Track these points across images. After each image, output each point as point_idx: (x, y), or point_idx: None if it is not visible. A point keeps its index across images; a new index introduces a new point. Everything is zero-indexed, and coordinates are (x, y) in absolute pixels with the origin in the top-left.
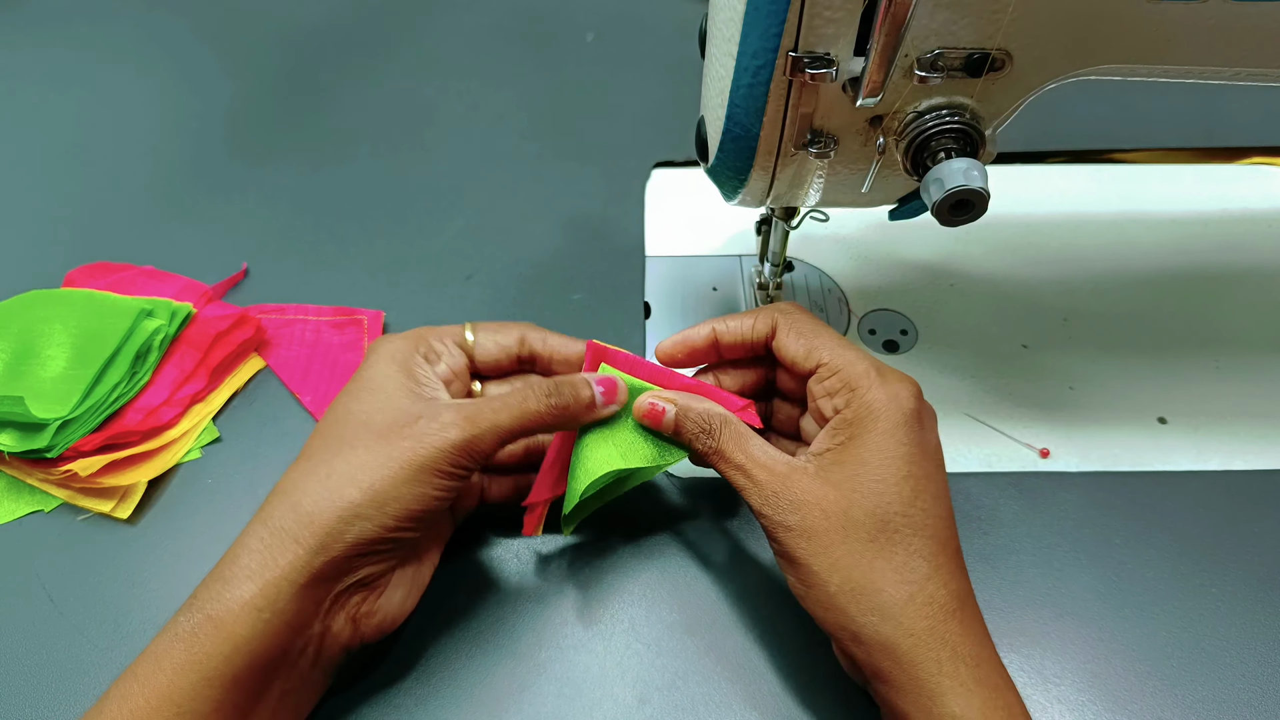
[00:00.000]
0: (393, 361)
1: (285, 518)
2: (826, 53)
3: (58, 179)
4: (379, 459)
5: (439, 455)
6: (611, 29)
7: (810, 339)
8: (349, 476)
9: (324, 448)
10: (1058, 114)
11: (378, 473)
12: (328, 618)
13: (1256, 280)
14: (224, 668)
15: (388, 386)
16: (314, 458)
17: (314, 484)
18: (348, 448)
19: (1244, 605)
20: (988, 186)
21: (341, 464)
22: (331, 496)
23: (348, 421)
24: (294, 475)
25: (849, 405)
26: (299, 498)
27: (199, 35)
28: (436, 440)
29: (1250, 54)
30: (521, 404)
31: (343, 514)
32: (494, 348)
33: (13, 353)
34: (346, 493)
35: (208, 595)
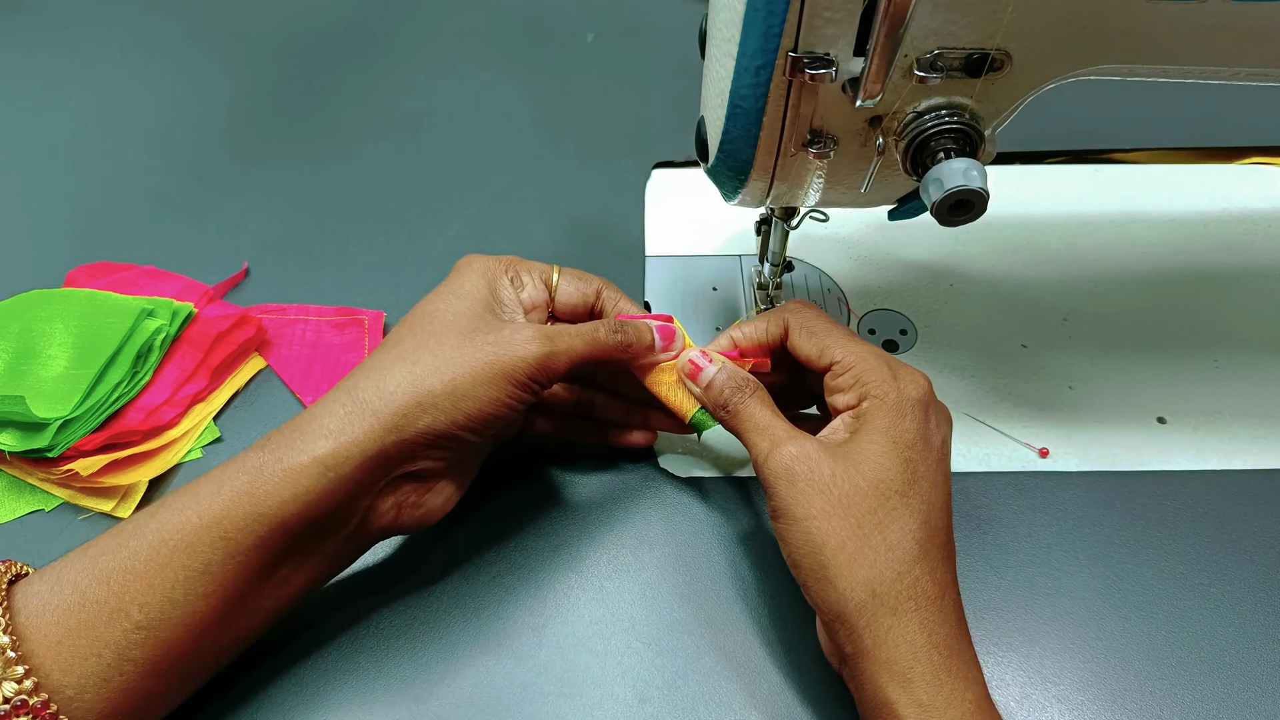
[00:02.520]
0: (483, 277)
1: (368, 392)
2: (826, 53)
3: (59, 179)
4: (463, 357)
5: (518, 365)
6: (611, 29)
7: (822, 337)
8: (433, 368)
9: (411, 338)
10: (1058, 114)
11: (460, 369)
12: (379, 496)
13: (1256, 280)
14: (279, 510)
15: (476, 295)
16: (401, 344)
17: (400, 368)
18: (435, 341)
19: (1244, 605)
20: (987, 186)
21: (428, 355)
22: (415, 383)
23: (435, 319)
24: (381, 358)
25: (862, 401)
26: (384, 377)
27: (199, 35)
28: (519, 350)
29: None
30: (594, 333)
31: (421, 400)
32: (574, 293)
33: (14, 352)
34: (428, 382)
35: (282, 441)
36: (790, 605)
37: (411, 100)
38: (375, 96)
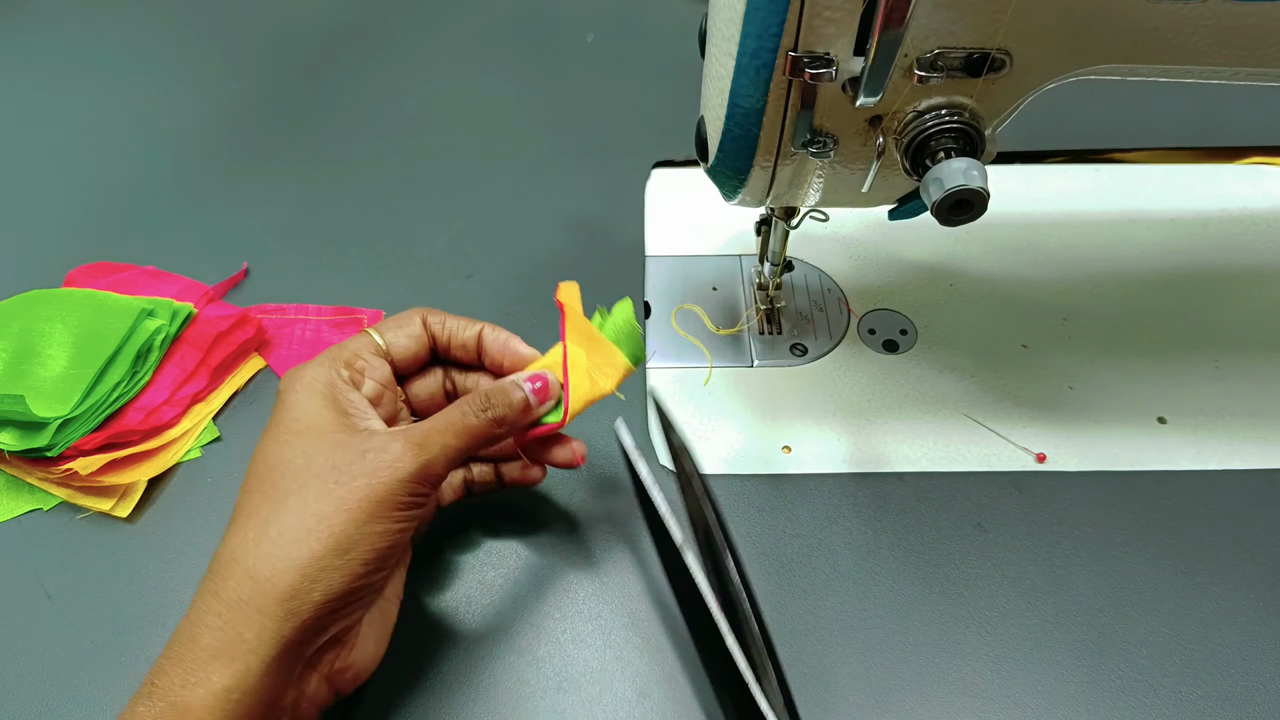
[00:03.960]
0: (315, 395)
1: (242, 587)
2: (826, 53)
3: (58, 179)
4: (333, 503)
5: (397, 487)
6: (611, 29)
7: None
8: (304, 529)
9: (265, 502)
10: (1058, 114)
11: (335, 518)
12: (301, 683)
13: (1256, 280)
14: None
15: (318, 424)
16: (256, 515)
17: (266, 545)
18: (294, 498)
19: (1244, 605)
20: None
21: (291, 517)
22: (290, 554)
23: (284, 470)
24: (238, 539)
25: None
26: (253, 563)
27: (199, 35)
28: (391, 473)
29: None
30: (463, 421)
31: (306, 571)
32: (407, 341)
33: (13, 352)
34: (306, 547)
35: (168, 682)
36: (789, 603)
37: (411, 100)
38: (375, 96)
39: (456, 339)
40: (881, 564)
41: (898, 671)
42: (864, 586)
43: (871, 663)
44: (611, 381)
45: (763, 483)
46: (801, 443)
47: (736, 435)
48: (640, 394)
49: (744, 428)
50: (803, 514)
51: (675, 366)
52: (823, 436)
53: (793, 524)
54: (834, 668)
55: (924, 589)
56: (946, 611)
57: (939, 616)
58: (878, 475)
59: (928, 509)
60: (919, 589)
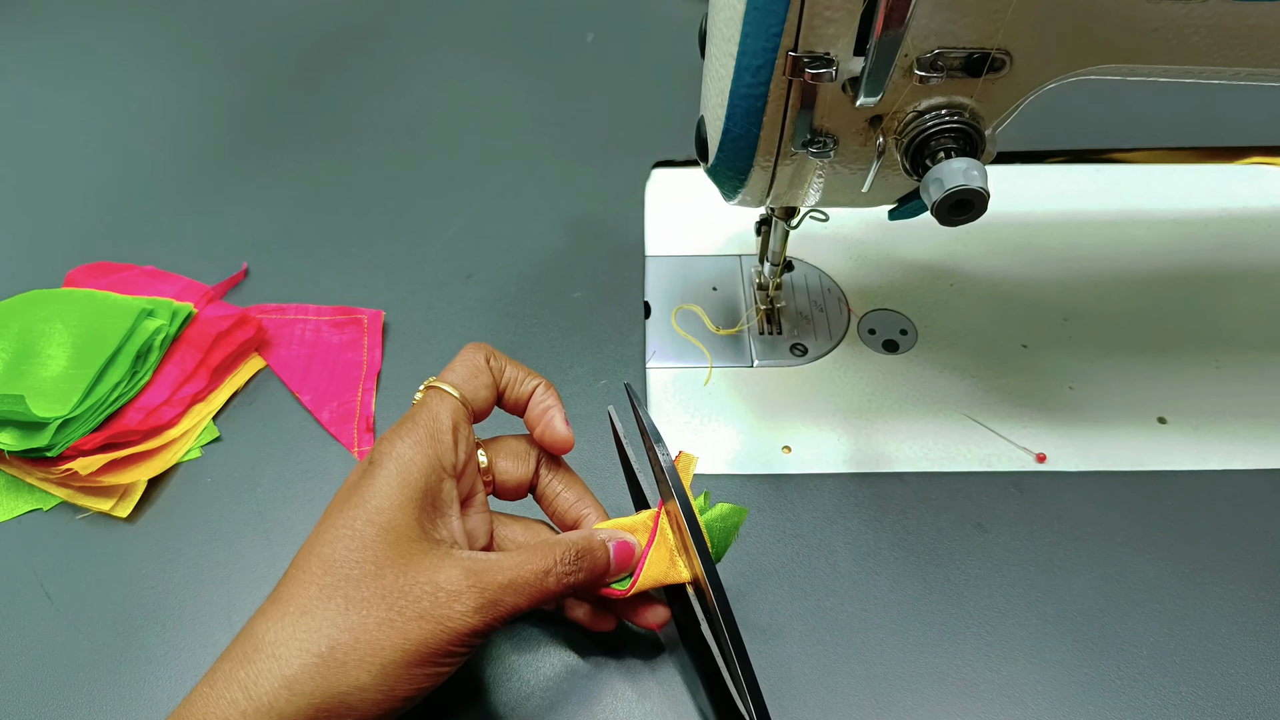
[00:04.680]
0: (408, 484)
1: (271, 688)
2: (826, 53)
3: (58, 179)
4: (392, 637)
5: (455, 639)
6: (611, 29)
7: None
8: (357, 653)
9: (321, 600)
10: (1058, 114)
11: (390, 654)
12: None
13: (1256, 280)
14: None
15: (400, 525)
16: (307, 613)
17: (311, 653)
18: (353, 609)
19: (1244, 605)
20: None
21: (346, 632)
22: (335, 674)
23: (347, 566)
24: (280, 631)
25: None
26: (294, 669)
27: (199, 35)
28: (454, 625)
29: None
30: (541, 583)
31: (344, 695)
32: (486, 395)
33: (13, 352)
34: (354, 674)
35: None
36: (787, 601)
37: (411, 100)
38: (375, 96)
39: (511, 392)
40: (881, 564)
41: (898, 671)
42: (864, 586)
43: (871, 663)
44: (688, 572)
45: (763, 483)
46: (801, 443)
47: (736, 435)
48: (641, 395)
49: (744, 428)
50: (803, 514)
51: (675, 366)
52: (823, 436)
53: (793, 524)
54: (834, 668)
55: (924, 589)
56: (946, 611)
57: (939, 616)
58: (878, 475)
59: (928, 509)
60: (919, 589)
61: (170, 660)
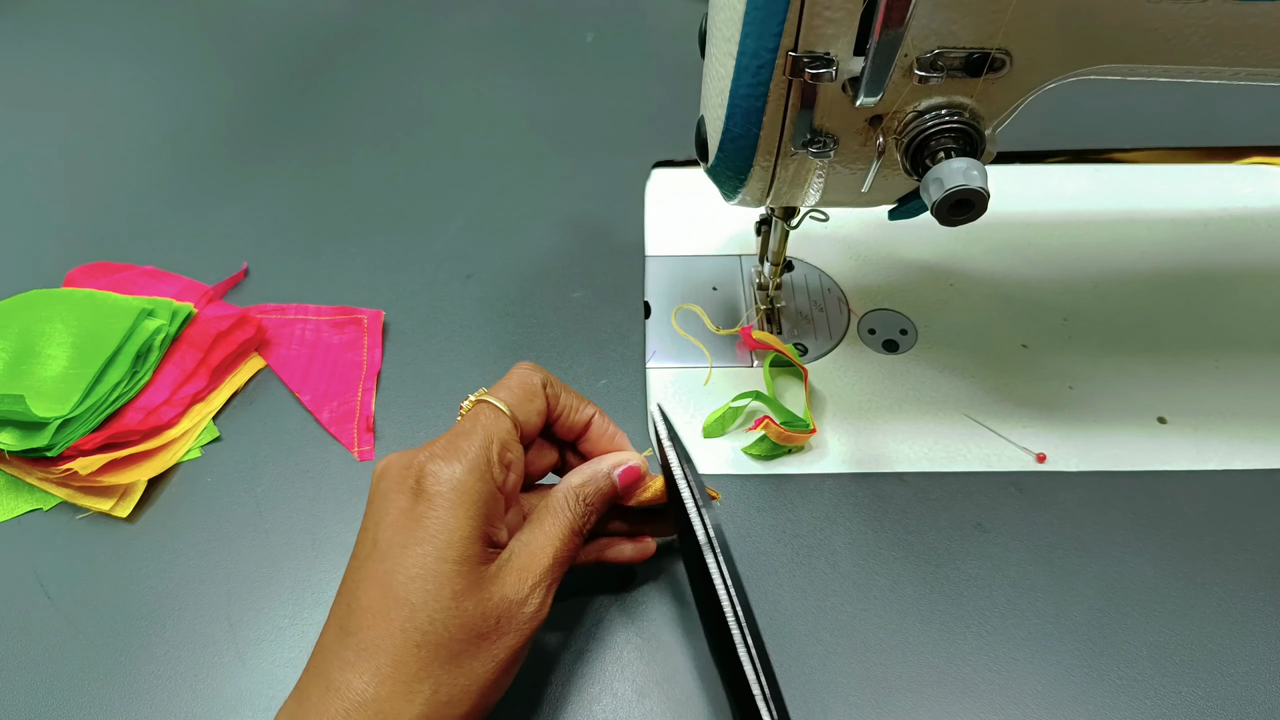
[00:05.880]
0: (468, 511)
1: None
2: (826, 53)
3: (58, 179)
4: (489, 668)
5: (531, 633)
6: (611, 29)
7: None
8: (459, 697)
9: (412, 653)
10: (1058, 114)
11: (488, 674)
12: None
13: (1256, 280)
14: None
15: (471, 553)
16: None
17: (416, 709)
18: (449, 659)
19: (1244, 605)
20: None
21: (446, 685)
22: (444, 715)
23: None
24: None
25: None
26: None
27: (199, 35)
28: (529, 625)
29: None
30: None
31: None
32: (537, 419)
33: (13, 352)
34: (461, 709)
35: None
36: (787, 601)
37: (411, 100)
38: (375, 96)
39: (566, 419)
40: (881, 564)
41: (898, 671)
42: (864, 586)
43: (871, 663)
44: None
45: (763, 483)
46: None
47: (737, 434)
48: (641, 395)
49: (744, 427)
50: (803, 514)
51: (675, 366)
52: (822, 436)
53: (793, 524)
54: (834, 668)
55: (924, 589)
56: (946, 611)
57: (939, 616)
58: (878, 475)
59: (928, 509)
60: (919, 589)
61: (170, 660)
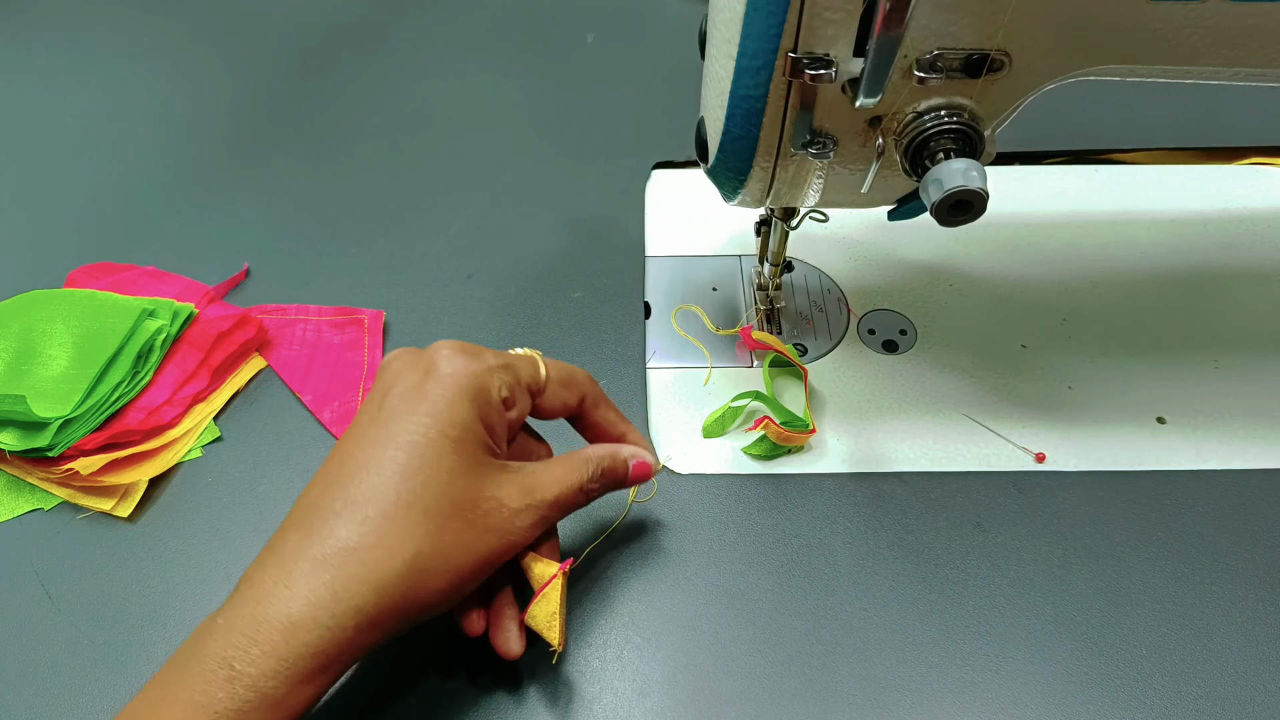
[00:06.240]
0: (474, 401)
1: (366, 598)
2: (826, 53)
3: (59, 179)
4: (468, 553)
5: (515, 550)
6: (611, 29)
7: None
8: (440, 565)
9: (401, 509)
10: (1058, 114)
11: (466, 564)
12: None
13: (1256, 280)
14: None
15: (469, 439)
16: (390, 521)
17: (399, 562)
18: (434, 521)
19: (1244, 604)
20: (987, 187)
21: (429, 545)
22: (423, 584)
23: (424, 476)
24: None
25: None
26: (385, 579)
27: (199, 35)
28: (517, 539)
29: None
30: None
31: (428, 601)
32: (560, 404)
33: (14, 352)
34: (437, 583)
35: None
36: (788, 599)
37: (411, 100)
38: (375, 96)
39: (598, 431)
40: (881, 564)
41: (898, 671)
42: (864, 586)
43: (871, 663)
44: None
45: (762, 483)
46: None
47: (737, 434)
48: (641, 395)
49: (744, 427)
50: (803, 514)
51: (675, 366)
52: (822, 436)
53: (793, 524)
54: (834, 668)
55: (924, 589)
56: (946, 611)
57: (938, 616)
58: (878, 475)
59: (927, 509)
60: (919, 589)
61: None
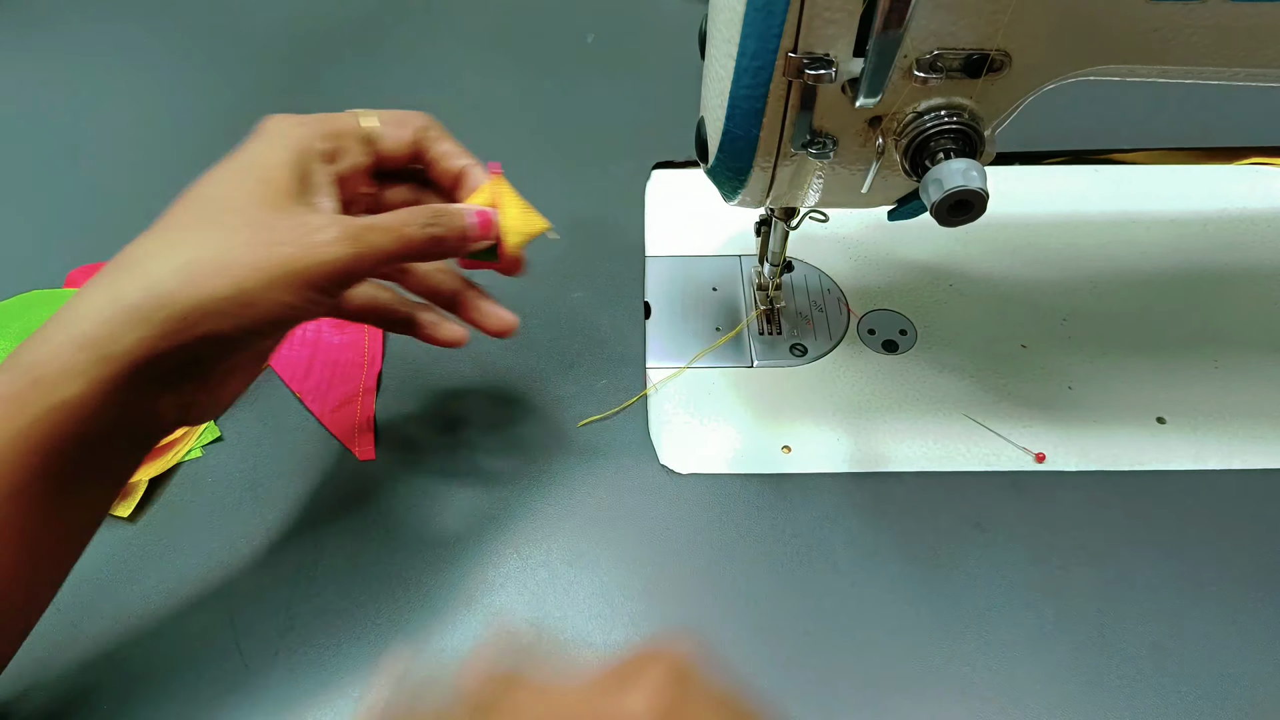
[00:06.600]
0: (285, 150)
1: (136, 293)
2: (826, 54)
3: (58, 179)
4: (254, 255)
5: (317, 268)
6: (611, 29)
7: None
8: (218, 265)
9: (193, 223)
10: (1058, 114)
11: (250, 271)
12: (158, 399)
13: (1256, 280)
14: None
15: (278, 177)
16: (178, 230)
17: (175, 263)
18: (220, 230)
19: (1244, 605)
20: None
21: (210, 248)
22: (195, 283)
23: (220, 202)
24: (150, 246)
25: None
26: (158, 275)
27: (200, 35)
28: (319, 254)
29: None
30: (403, 229)
31: (203, 304)
32: (396, 145)
33: None
34: (213, 284)
35: (33, 359)
36: (789, 601)
37: (411, 99)
38: (375, 95)
39: (441, 164)
40: (881, 564)
41: (898, 671)
42: (864, 586)
43: (871, 662)
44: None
45: (763, 483)
46: (801, 443)
47: (736, 435)
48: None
49: (744, 428)
50: (803, 514)
51: (675, 366)
52: (823, 436)
53: (793, 524)
54: (834, 668)
55: (923, 588)
56: (946, 611)
57: (938, 616)
58: (878, 475)
59: (927, 509)
60: (918, 588)
61: (171, 661)
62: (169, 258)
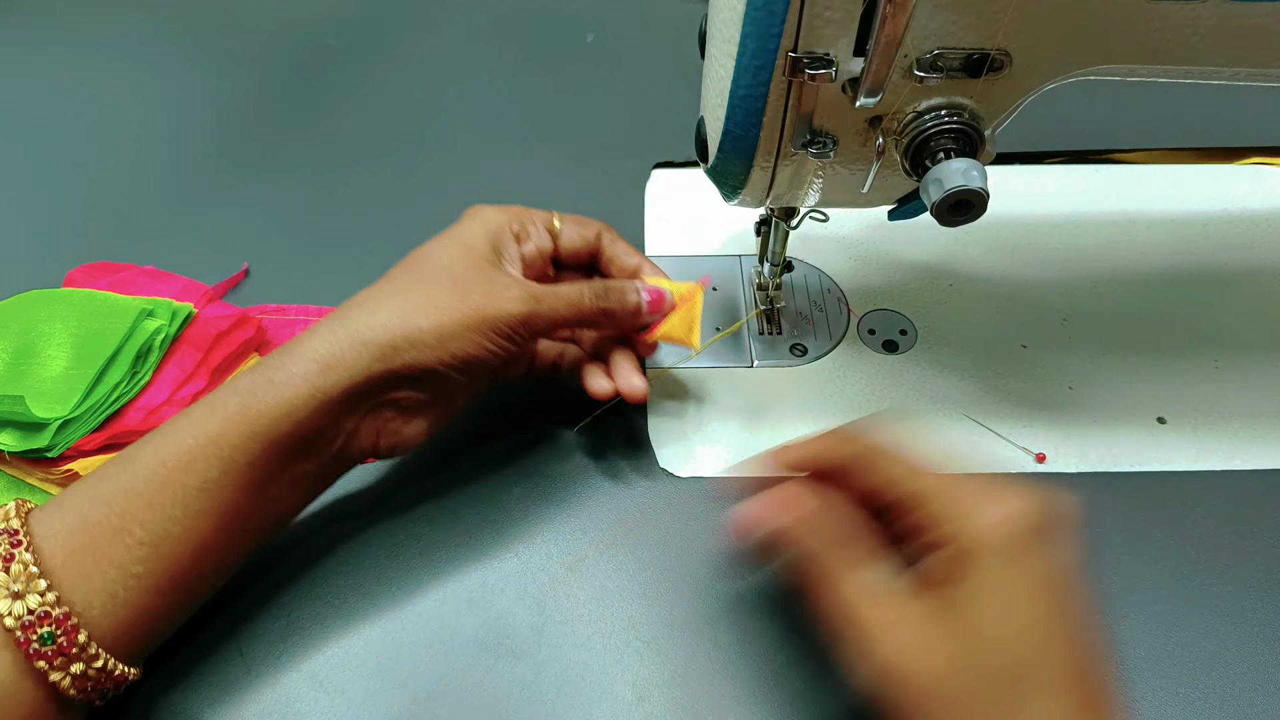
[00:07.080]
0: (485, 228)
1: (359, 322)
2: (826, 53)
3: (58, 179)
4: (453, 301)
5: (501, 317)
6: (611, 29)
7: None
8: (423, 307)
9: (405, 276)
10: (1058, 114)
11: (448, 313)
12: (362, 419)
13: (1256, 280)
14: (270, 428)
15: (476, 246)
16: (395, 281)
17: (392, 304)
18: (428, 283)
19: (1244, 605)
20: (987, 187)
21: (419, 295)
22: (404, 318)
23: (431, 263)
24: (375, 292)
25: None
26: (375, 310)
27: (199, 34)
28: (504, 305)
29: (1250, 54)
30: (578, 298)
31: (409, 335)
32: (577, 239)
33: (13, 352)
34: (416, 319)
35: (273, 364)
36: (789, 602)
37: (411, 100)
38: (375, 96)
39: (617, 262)
40: None
41: None
42: None
43: None
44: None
45: (763, 485)
46: None
47: (736, 436)
48: None
49: (744, 428)
50: None
51: (675, 366)
52: None
53: None
54: (834, 670)
55: None
56: None
57: None
58: None
59: None
60: None
61: (171, 661)
62: (389, 302)
